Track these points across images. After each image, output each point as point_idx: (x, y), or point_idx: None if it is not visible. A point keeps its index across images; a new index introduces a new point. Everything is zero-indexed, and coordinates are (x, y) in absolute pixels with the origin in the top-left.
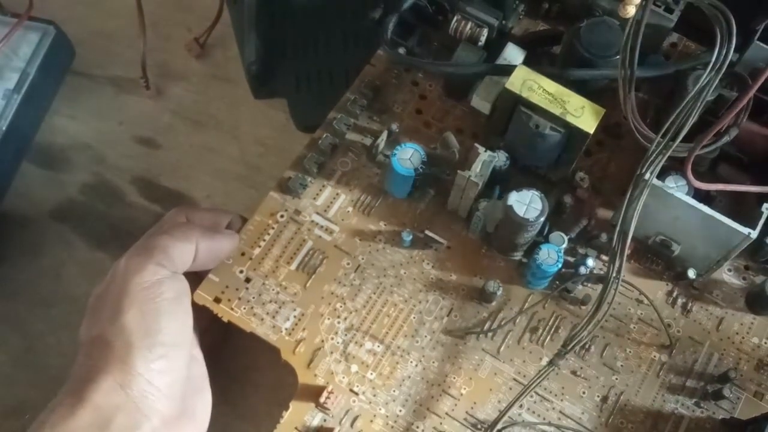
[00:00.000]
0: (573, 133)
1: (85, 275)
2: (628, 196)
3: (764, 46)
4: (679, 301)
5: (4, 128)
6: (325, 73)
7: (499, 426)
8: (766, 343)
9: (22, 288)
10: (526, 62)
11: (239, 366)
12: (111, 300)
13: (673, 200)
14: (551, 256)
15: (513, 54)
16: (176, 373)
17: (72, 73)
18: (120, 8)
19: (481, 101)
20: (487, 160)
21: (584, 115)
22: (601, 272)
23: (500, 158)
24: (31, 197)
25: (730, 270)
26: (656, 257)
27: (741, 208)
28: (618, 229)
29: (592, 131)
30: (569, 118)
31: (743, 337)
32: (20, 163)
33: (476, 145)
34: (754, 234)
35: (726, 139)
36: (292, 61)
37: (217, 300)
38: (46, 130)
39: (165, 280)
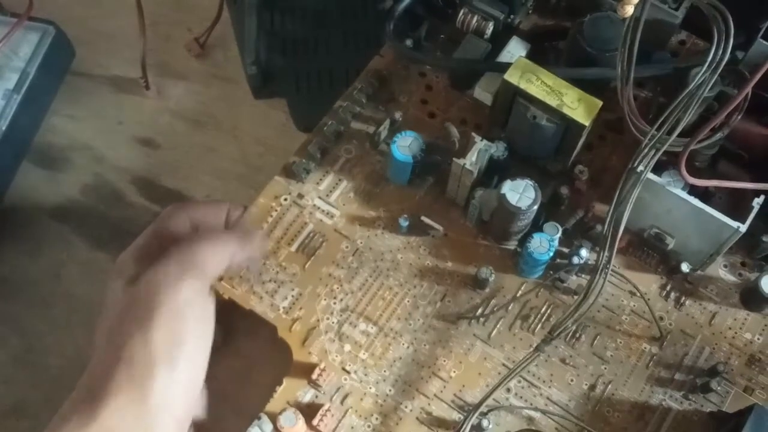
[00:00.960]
0: (569, 125)
1: (85, 275)
2: (619, 188)
3: (767, 43)
4: (673, 294)
5: (4, 128)
6: (325, 73)
7: (483, 408)
8: (759, 339)
9: (22, 288)
10: (532, 56)
11: (239, 365)
12: (139, 311)
13: (664, 193)
14: (543, 245)
15: (516, 48)
16: (195, 387)
17: (72, 73)
18: (120, 8)
19: (483, 92)
20: (482, 149)
21: (580, 108)
22: (595, 263)
23: (499, 148)
24: (31, 197)
25: (725, 266)
26: (651, 250)
27: (740, 205)
28: (608, 220)
29: (587, 123)
30: (565, 110)
31: (736, 333)
32: (20, 163)
33: (473, 134)
34: (743, 228)
35: (719, 136)
36: (292, 61)
37: (220, 278)
38: (46, 130)
39: (198, 298)
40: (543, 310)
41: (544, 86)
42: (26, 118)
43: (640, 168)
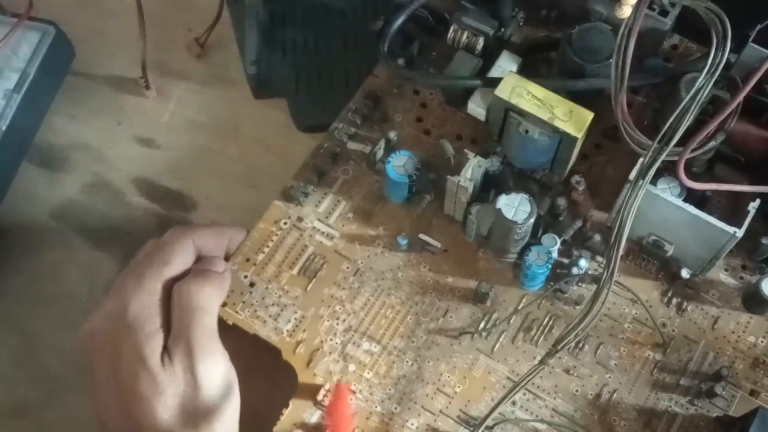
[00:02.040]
0: (562, 137)
1: (85, 275)
2: (623, 204)
3: (758, 47)
4: (674, 300)
5: (4, 128)
6: (325, 73)
7: (490, 422)
8: (762, 341)
9: (22, 288)
10: (524, 69)
11: (239, 368)
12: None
13: (660, 201)
14: (541, 257)
15: (507, 62)
16: None
17: (72, 73)
18: (120, 8)
19: (476, 108)
20: (476, 165)
21: (572, 120)
22: (595, 273)
23: (493, 163)
24: (31, 197)
25: (726, 269)
26: (651, 257)
27: (739, 208)
28: (614, 234)
29: (579, 135)
30: (557, 123)
31: (739, 336)
32: (20, 163)
33: (466, 151)
34: (740, 233)
35: (713, 143)
36: (292, 61)
37: (223, 304)
38: (46, 130)
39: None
40: (545, 321)
41: (535, 100)
42: (26, 118)
43: (641, 182)
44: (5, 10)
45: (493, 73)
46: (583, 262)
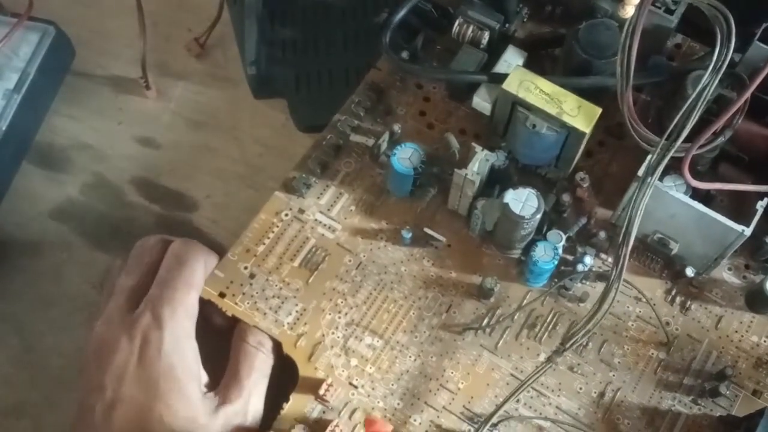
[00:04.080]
0: (570, 132)
1: (85, 275)
2: (633, 201)
3: (764, 45)
4: (678, 299)
5: (4, 128)
6: (325, 73)
7: (494, 419)
8: (765, 341)
9: (22, 288)
10: (529, 65)
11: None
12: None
13: (668, 198)
14: (547, 253)
15: (513, 57)
16: None
17: (72, 73)
18: (120, 8)
19: (481, 102)
20: (483, 158)
21: (580, 115)
22: (600, 270)
23: (499, 158)
24: (31, 197)
25: (729, 269)
26: (655, 255)
27: (743, 207)
28: (623, 232)
29: (587, 131)
30: (565, 118)
31: (742, 336)
32: (20, 163)
33: (473, 144)
34: (748, 231)
35: (721, 140)
36: (292, 61)
37: (222, 295)
38: (46, 130)
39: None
40: (549, 318)
41: (543, 94)
42: (26, 118)
43: (649, 179)
44: (5, 10)
45: (499, 67)
46: (588, 259)
